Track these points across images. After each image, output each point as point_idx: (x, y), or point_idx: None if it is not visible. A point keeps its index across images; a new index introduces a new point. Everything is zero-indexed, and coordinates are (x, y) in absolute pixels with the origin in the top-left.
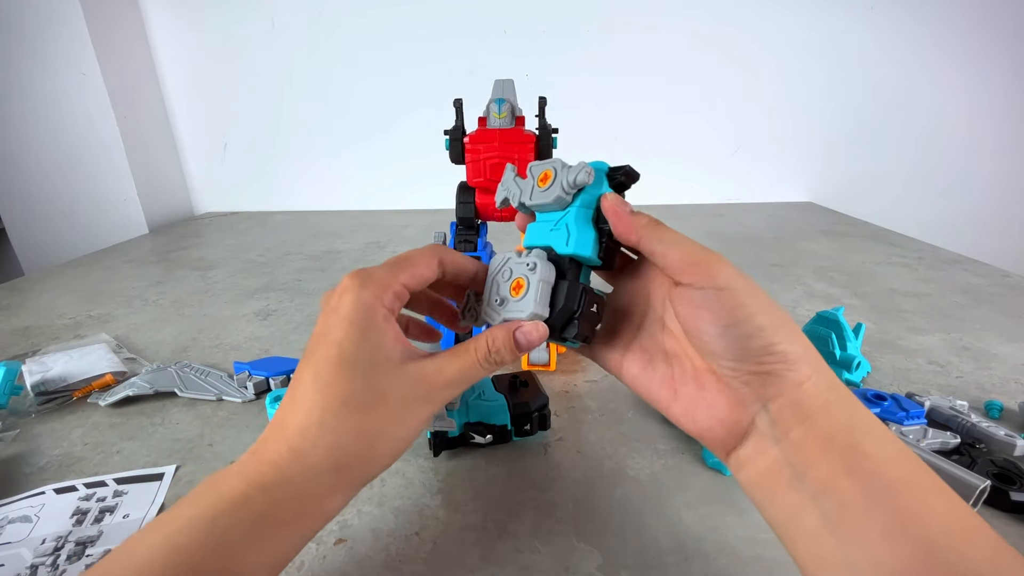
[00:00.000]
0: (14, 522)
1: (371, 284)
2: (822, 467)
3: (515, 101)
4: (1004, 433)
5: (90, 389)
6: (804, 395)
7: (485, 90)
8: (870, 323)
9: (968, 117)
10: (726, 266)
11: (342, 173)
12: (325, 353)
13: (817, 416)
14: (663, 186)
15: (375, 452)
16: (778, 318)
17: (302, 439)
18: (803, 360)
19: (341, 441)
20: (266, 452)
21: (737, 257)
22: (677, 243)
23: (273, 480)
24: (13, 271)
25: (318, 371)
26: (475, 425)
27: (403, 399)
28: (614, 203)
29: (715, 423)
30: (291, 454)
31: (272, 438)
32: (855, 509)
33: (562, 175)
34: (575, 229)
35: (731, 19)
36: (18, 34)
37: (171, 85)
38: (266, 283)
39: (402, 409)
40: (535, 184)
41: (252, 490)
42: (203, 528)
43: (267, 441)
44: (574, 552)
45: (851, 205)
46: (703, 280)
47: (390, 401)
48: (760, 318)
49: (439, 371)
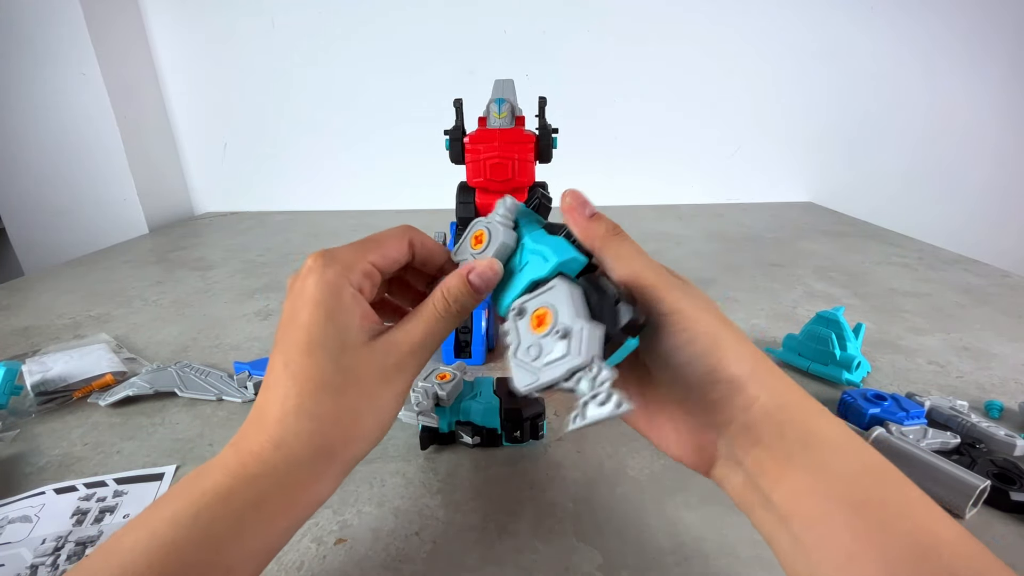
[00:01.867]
0: (14, 522)
1: (335, 263)
2: (783, 490)
3: (515, 101)
4: (1004, 433)
5: (90, 389)
6: (752, 419)
7: (485, 90)
8: (870, 323)
9: (968, 117)
10: (672, 290)
11: (342, 173)
12: (294, 338)
13: (770, 439)
14: (663, 186)
15: (357, 432)
16: (722, 340)
17: (282, 429)
18: (749, 381)
19: (321, 427)
20: (247, 444)
21: (737, 257)
22: (629, 262)
23: (257, 471)
24: (13, 271)
25: (288, 357)
26: (464, 424)
27: (376, 374)
28: (573, 202)
29: (687, 451)
30: (272, 444)
31: (252, 429)
32: (819, 532)
33: (492, 216)
34: (543, 245)
35: (731, 19)
36: (18, 34)
37: (171, 85)
38: (266, 283)
39: (377, 385)
40: (473, 249)
41: (236, 483)
42: (186, 523)
43: (247, 433)
44: (574, 552)
45: (851, 205)
46: (658, 306)
47: (363, 379)
48: (700, 343)
49: (406, 337)
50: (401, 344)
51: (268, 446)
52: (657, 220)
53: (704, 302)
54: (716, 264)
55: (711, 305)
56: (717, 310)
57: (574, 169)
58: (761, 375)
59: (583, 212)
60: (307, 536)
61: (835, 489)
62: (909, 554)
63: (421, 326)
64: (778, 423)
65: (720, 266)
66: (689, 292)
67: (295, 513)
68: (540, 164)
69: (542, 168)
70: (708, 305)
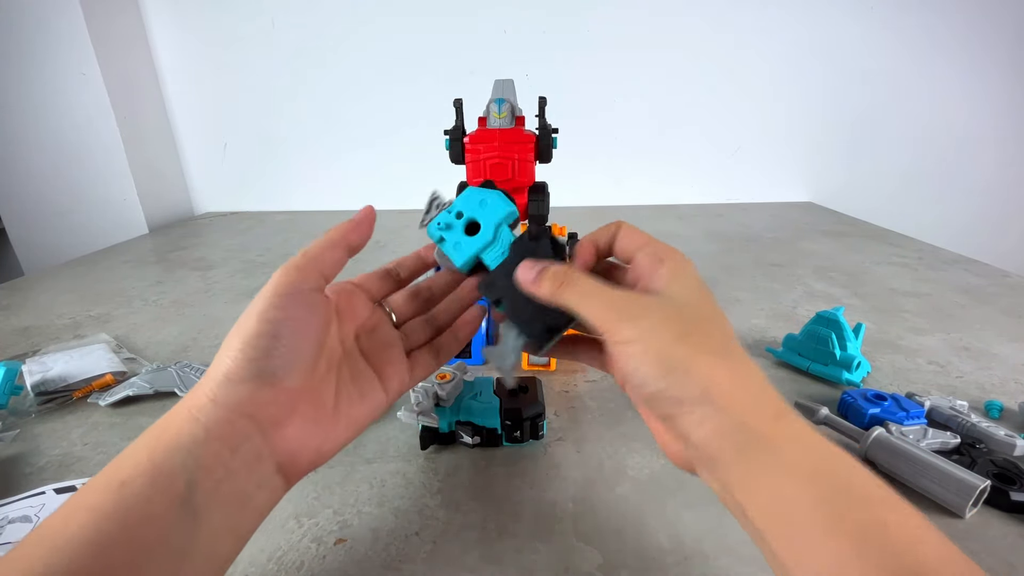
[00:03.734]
0: (14, 522)
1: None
2: (754, 507)
3: (515, 101)
4: (1004, 433)
5: (90, 389)
6: (705, 436)
7: (485, 90)
8: (870, 323)
9: (968, 117)
10: (621, 325)
11: (342, 173)
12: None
13: (730, 457)
14: (663, 186)
15: (286, 356)
16: (671, 364)
17: (220, 360)
18: (699, 403)
19: (249, 344)
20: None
21: (737, 257)
22: (582, 307)
23: (186, 418)
24: (13, 271)
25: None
26: (464, 424)
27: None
28: (522, 279)
29: (671, 451)
30: (213, 377)
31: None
32: (796, 552)
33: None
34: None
35: (731, 19)
36: (18, 34)
37: (171, 85)
38: (266, 283)
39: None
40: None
41: (163, 423)
42: (109, 473)
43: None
44: (574, 552)
45: (851, 205)
46: (608, 339)
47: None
48: (645, 371)
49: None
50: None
51: (209, 379)
52: (657, 220)
53: (663, 321)
54: (716, 264)
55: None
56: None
57: (574, 169)
58: (717, 395)
59: (528, 277)
60: (307, 536)
61: (805, 512)
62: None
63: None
64: (736, 443)
65: (720, 266)
66: (645, 314)
67: (224, 467)
68: (540, 164)
69: (542, 168)
70: (667, 323)
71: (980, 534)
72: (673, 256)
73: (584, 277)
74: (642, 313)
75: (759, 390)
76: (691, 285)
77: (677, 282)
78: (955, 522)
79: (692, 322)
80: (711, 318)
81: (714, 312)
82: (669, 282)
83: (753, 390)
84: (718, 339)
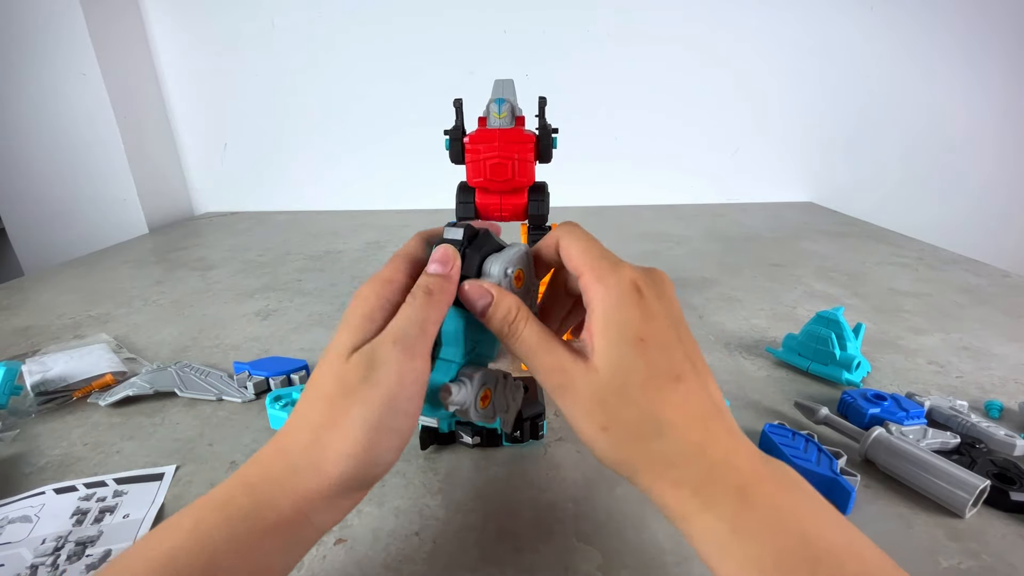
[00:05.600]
0: (14, 522)
1: (374, 283)
2: (703, 552)
3: (515, 101)
4: (1004, 433)
5: (90, 389)
6: (655, 502)
7: (485, 90)
8: (870, 323)
9: (968, 117)
10: (560, 398)
11: (342, 173)
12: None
13: (678, 524)
14: (663, 186)
15: (350, 446)
16: (600, 452)
17: (286, 436)
18: (633, 481)
19: (316, 434)
20: (261, 453)
21: (737, 257)
22: (529, 362)
23: (257, 480)
24: (13, 271)
25: (314, 371)
26: (464, 425)
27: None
28: (470, 300)
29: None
30: (277, 453)
31: (271, 440)
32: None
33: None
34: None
35: (731, 19)
36: (18, 34)
37: (171, 85)
38: (266, 283)
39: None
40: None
41: (238, 491)
42: (187, 528)
43: (265, 445)
44: (574, 552)
45: (851, 205)
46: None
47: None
48: (586, 444)
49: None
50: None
51: (273, 453)
52: (657, 220)
53: (586, 409)
54: (716, 264)
55: (598, 407)
56: (603, 412)
57: (574, 169)
58: (642, 479)
59: (475, 307)
60: None
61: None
62: None
63: (396, 318)
64: (675, 516)
65: (720, 266)
66: (572, 395)
67: (290, 531)
68: (540, 164)
69: (542, 168)
70: (589, 412)
71: (980, 534)
72: (603, 298)
73: (530, 327)
74: (569, 392)
75: (684, 467)
76: (619, 344)
77: (604, 342)
78: (955, 522)
79: (615, 406)
80: (639, 388)
81: (645, 377)
82: (597, 341)
83: (676, 469)
84: (643, 418)
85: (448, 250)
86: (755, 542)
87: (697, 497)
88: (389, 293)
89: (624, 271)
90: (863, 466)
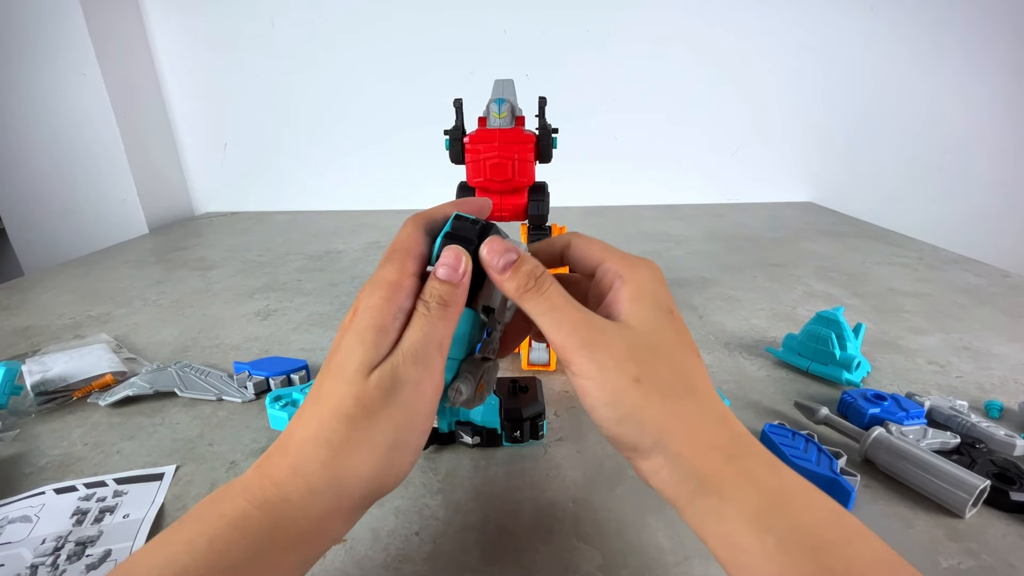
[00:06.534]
0: (14, 522)
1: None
2: (715, 555)
3: (515, 101)
4: (1004, 433)
5: (90, 389)
6: (659, 487)
7: (485, 90)
8: (870, 323)
9: (968, 117)
10: (587, 354)
11: (342, 173)
12: (328, 364)
13: (683, 509)
14: (663, 186)
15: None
16: (628, 409)
17: (301, 455)
18: (653, 451)
19: (335, 456)
20: (269, 467)
21: (737, 257)
22: (551, 321)
23: (274, 499)
24: (13, 271)
25: (321, 381)
26: (464, 424)
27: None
28: (488, 261)
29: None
30: (291, 471)
31: (276, 453)
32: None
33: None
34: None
35: (730, 19)
36: (18, 34)
37: (171, 85)
38: (266, 283)
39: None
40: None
41: (253, 508)
42: (202, 548)
43: (271, 456)
44: (574, 552)
45: (851, 205)
46: (566, 366)
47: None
48: (604, 411)
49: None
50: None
51: (287, 472)
52: (657, 220)
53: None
54: (716, 264)
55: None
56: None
57: (574, 169)
58: (669, 443)
59: (495, 266)
60: None
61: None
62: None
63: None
64: (688, 492)
65: (720, 266)
66: (602, 347)
67: (307, 547)
68: (540, 164)
69: (542, 168)
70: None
71: (980, 534)
72: (635, 273)
73: (556, 287)
74: (600, 345)
75: (715, 430)
76: (653, 309)
77: (638, 307)
78: (955, 522)
79: (649, 360)
80: (671, 349)
81: (676, 341)
82: (629, 307)
83: (708, 432)
84: (675, 377)
85: (459, 254)
86: (796, 514)
87: (733, 463)
88: (400, 300)
89: (648, 260)
90: (863, 466)
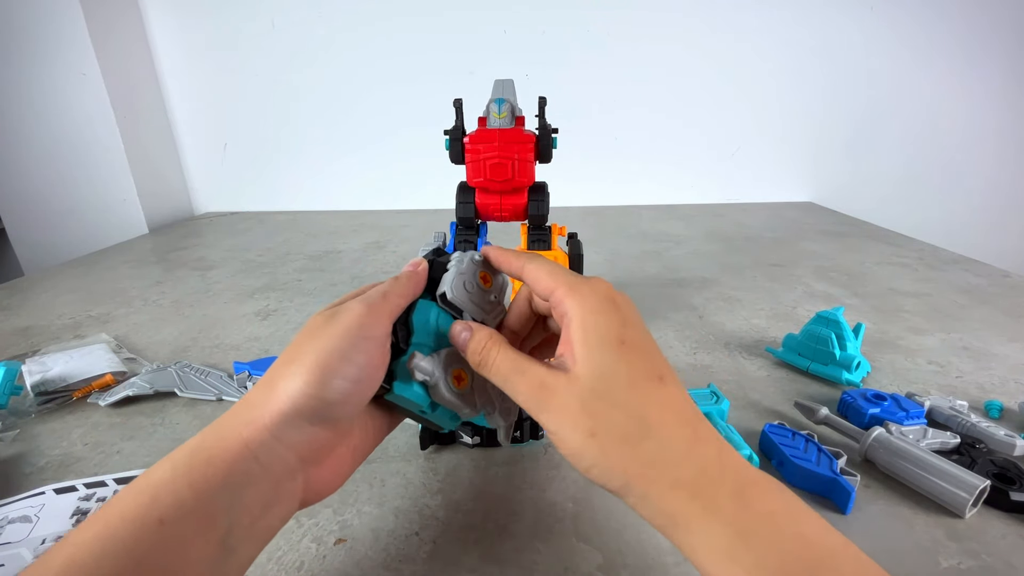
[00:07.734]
0: (14, 522)
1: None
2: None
3: (515, 101)
4: (1004, 433)
5: (90, 389)
6: (645, 517)
7: (485, 90)
8: (870, 323)
9: (968, 117)
10: (544, 415)
11: (342, 173)
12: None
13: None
14: (663, 186)
15: (336, 370)
16: (590, 460)
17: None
18: (623, 491)
19: (273, 370)
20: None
21: (737, 257)
22: (507, 388)
23: (219, 422)
24: (13, 271)
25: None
26: (464, 424)
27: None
28: (455, 341)
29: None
30: (242, 405)
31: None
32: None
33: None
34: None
35: (730, 19)
36: (18, 34)
37: (171, 85)
38: (266, 283)
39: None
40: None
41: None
42: (144, 502)
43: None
44: (574, 552)
45: (851, 205)
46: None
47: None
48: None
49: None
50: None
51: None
52: (657, 220)
53: (572, 417)
54: (716, 264)
55: (584, 411)
56: (589, 416)
57: (574, 169)
58: (634, 485)
59: (459, 345)
60: (307, 536)
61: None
62: None
63: (366, 291)
64: (662, 526)
65: (720, 266)
66: (555, 407)
67: (237, 465)
68: (540, 164)
69: (542, 168)
70: (575, 419)
71: (980, 534)
72: (579, 306)
73: (503, 355)
74: (553, 408)
75: (678, 467)
76: (599, 349)
77: (584, 349)
78: (955, 522)
79: (601, 411)
80: (623, 392)
81: (627, 381)
82: (578, 350)
83: (671, 470)
84: (630, 421)
85: (417, 258)
86: (761, 546)
87: (697, 500)
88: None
89: (597, 283)
90: (863, 466)
